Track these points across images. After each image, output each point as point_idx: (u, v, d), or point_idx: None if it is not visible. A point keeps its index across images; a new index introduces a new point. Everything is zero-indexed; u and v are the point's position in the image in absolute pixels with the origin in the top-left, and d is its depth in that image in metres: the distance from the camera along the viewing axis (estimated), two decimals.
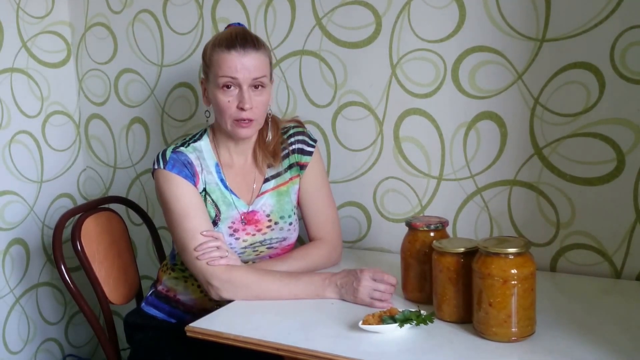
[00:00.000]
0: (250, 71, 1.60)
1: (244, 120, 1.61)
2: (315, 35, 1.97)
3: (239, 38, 1.61)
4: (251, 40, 1.62)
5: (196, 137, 1.72)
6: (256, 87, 1.62)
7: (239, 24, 1.74)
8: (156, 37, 2.27)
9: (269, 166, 1.73)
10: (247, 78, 1.60)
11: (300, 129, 1.77)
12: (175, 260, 1.78)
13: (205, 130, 1.74)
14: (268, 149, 1.72)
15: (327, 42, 1.96)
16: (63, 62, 2.45)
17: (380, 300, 1.47)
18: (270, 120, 1.72)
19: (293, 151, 1.74)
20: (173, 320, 1.77)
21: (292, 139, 1.74)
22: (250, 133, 1.65)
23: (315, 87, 2.00)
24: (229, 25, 1.72)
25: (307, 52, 2.00)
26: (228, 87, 1.60)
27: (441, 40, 1.79)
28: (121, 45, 2.35)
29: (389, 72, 1.88)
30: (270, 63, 1.67)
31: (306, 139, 1.76)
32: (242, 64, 1.59)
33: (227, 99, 1.60)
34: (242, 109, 1.60)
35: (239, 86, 1.60)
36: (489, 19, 1.71)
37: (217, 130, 1.70)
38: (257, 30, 2.05)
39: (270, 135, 1.72)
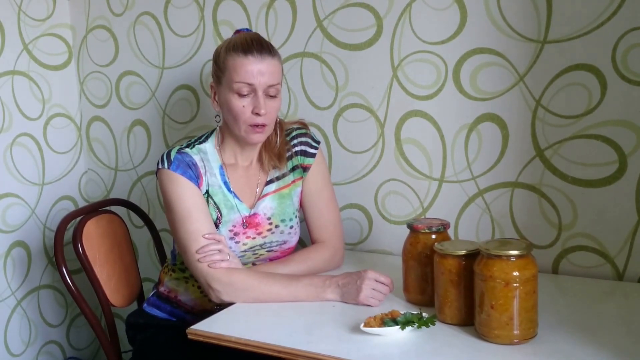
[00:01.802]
0: (267, 77, 1.59)
1: (258, 125, 1.61)
2: (316, 37, 1.97)
3: (255, 43, 1.60)
4: (267, 46, 1.62)
5: (202, 139, 1.72)
6: (271, 93, 1.61)
7: (247, 29, 1.72)
8: (157, 39, 2.27)
9: (274, 167, 1.73)
10: (263, 84, 1.59)
11: (303, 131, 1.76)
12: (176, 260, 1.78)
13: (212, 132, 1.73)
14: (274, 151, 1.71)
15: (328, 44, 1.96)
16: (64, 65, 2.45)
17: (377, 300, 1.48)
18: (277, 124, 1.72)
19: (296, 153, 1.74)
20: (174, 319, 1.78)
21: (295, 141, 1.74)
22: (262, 139, 1.65)
23: (317, 89, 2.00)
24: (237, 31, 1.70)
25: (308, 54, 1.99)
26: (243, 92, 1.59)
27: (442, 42, 1.79)
28: (122, 48, 2.35)
29: (390, 74, 1.87)
30: (282, 69, 1.67)
31: (309, 140, 1.75)
32: (259, 70, 1.58)
33: (242, 104, 1.60)
34: (257, 114, 1.59)
35: (254, 91, 1.60)
36: (490, 20, 1.71)
37: (226, 134, 1.70)
38: (258, 32, 2.04)
39: (277, 139, 1.72)
